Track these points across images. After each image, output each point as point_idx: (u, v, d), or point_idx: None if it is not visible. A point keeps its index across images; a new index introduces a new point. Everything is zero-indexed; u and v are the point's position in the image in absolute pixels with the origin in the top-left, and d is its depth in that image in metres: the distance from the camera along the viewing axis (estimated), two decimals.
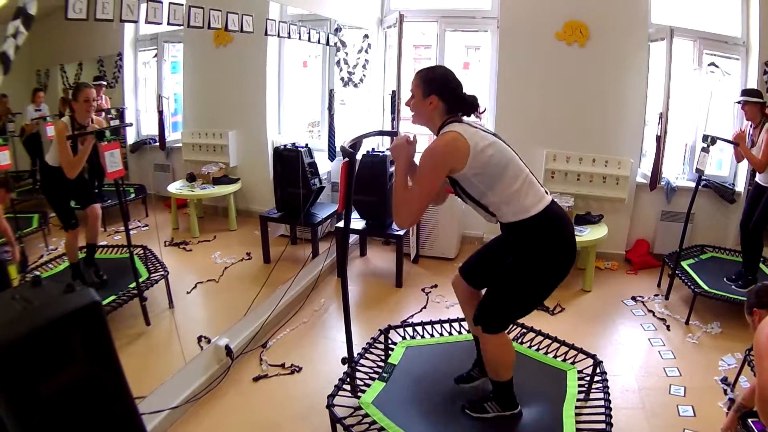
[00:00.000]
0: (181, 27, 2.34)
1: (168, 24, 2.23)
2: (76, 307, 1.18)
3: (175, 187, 3.19)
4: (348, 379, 2.34)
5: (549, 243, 1.92)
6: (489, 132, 1.94)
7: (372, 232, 4.06)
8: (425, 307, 3.53)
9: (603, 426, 2.06)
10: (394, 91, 4.20)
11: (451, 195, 2.08)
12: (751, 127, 3.37)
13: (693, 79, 4.12)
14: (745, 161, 3.55)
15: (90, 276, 2.50)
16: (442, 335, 2.79)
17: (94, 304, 1.21)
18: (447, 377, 2.40)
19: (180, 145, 3.19)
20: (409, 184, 1.93)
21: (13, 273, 2.06)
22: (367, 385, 2.35)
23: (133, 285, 2.47)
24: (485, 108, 2.00)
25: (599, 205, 4.23)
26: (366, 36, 4.42)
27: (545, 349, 2.64)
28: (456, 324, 2.85)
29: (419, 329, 2.81)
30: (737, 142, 3.36)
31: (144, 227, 2.87)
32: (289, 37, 3.24)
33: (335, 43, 4.12)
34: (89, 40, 2.38)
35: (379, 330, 2.72)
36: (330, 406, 2.15)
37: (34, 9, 1.63)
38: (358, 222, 3.97)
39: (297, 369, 2.76)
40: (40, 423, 1.12)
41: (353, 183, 2.15)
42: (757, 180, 3.42)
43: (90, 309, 1.20)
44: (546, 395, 2.29)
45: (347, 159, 2.09)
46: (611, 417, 2.10)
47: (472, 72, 5.63)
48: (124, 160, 2.46)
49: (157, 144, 3.04)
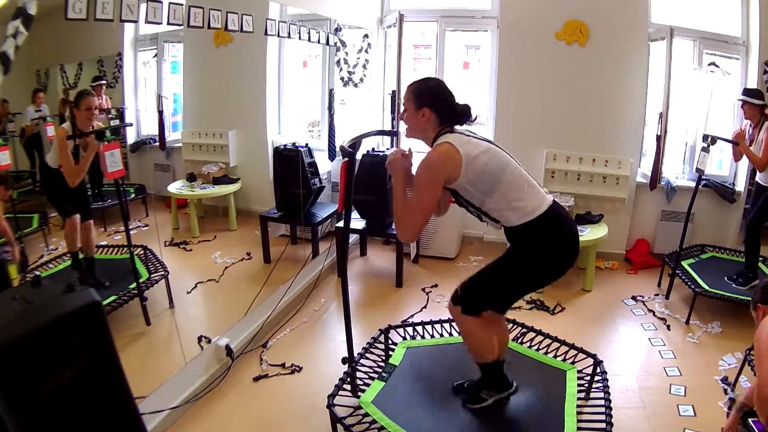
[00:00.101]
0: (181, 27, 2.34)
1: (168, 24, 2.23)
2: (76, 308, 1.18)
3: (176, 187, 3.19)
4: (348, 379, 2.34)
5: (552, 242, 1.93)
6: (483, 139, 1.96)
7: (372, 231, 4.06)
8: (425, 307, 3.53)
9: (603, 426, 2.05)
10: (394, 91, 4.21)
11: (453, 203, 2.09)
12: (751, 127, 3.37)
13: (693, 79, 4.12)
14: (744, 161, 3.55)
15: (91, 284, 2.50)
16: (442, 335, 2.79)
17: (94, 304, 1.22)
18: (447, 377, 2.40)
19: (180, 145, 3.19)
20: (409, 196, 1.95)
21: (14, 273, 2.06)
22: (368, 385, 2.35)
23: (134, 285, 2.47)
24: (477, 116, 2.01)
25: (599, 205, 4.23)
26: (366, 36, 4.42)
27: (545, 349, 2.64)
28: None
29: (419, 329, 2.81)
30: (737, 141, 3.36)
31: (144, 227, 2.87)
32: (289, 37, 3.24)
33: (335, 43, 4.12)
34: (89, 40, 2.38)
35: (380, 330, 2.73)
36: (330, 405, 2.15)
37: (33, 9, 1.63)
38: (358, 222, 3.97)
39: (297, 369, 2.77)
40: (40, 423, 1.13)
41: (353, 183, 2.15)
42: (758, 179, 3.42)
43: (90, 309, 1.20)
44: (546, 395, 2.29)
45: (347, 159, 2.09)
46: (611, 417, 2.10)
47: (472, 72, 5.62)
48: (124, 160, 2.46)
49: (157, 144, 3.04)
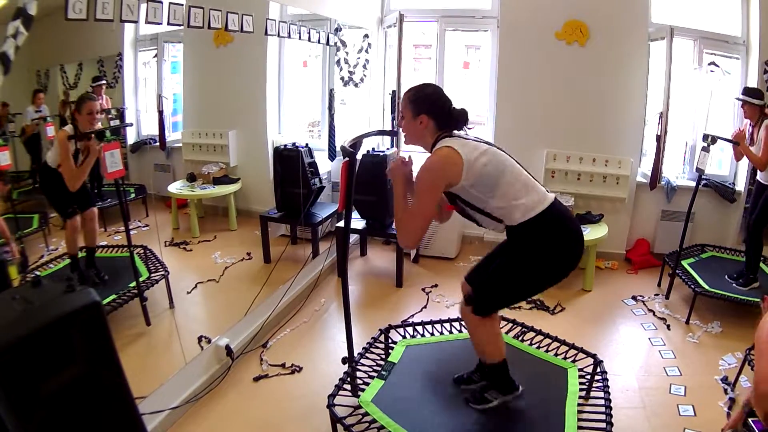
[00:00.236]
0: (181, 27, 2.34)
1: (168, 24, 2.23)
2: (76, 308, 1.18)
3: (176, 187, 3.19)
4: (348, 379, 2.34)
5: (555, 239, 1.93)
6: (481, 141, 1.96)
7: (372, 231, 4.06)
8: (425, 307, 3.53)
9: (603, 425, 2.05)
10: (394, 91, 4.20)
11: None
12: (750, 126, 3.37)
13: (693, 79, 4.11)
14: (745, 160, 3.55)
15: (91, 278, 2.50)
16: (442, 334, 2.79)
17: (94, 304, 1.21)
18: (447, 375, 2.40)
19: (180, 145, 3.19)
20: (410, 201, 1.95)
21: (14, 273, 2.06)
22: (368, 385, 2.34)
23: (134, 285, 2.47)
24: (473, 127, 2.02)
25: (599, 205, 4.23)
26: (366, 36, 4.42)
27: (545, 349, 2.64)
28: (456, 323, 2.85)
29: (420, 329, 2.81)
30: (737, 141, 3.36)
31: (144, 227, 2.87)
32: (289, 37, 3.24)
33: (335, 43, 4.12)
34: (89, 40, 2.38)
35: (380, 330, 2.72)
36: (330, 405, 2.15)
37: (33, 9, 1.63)
38: (358, 222, 3.97)
39: (297, 369, 2.77)
40: (40, 423, 1.13)
41: (353, 183, 2.15)
42: (758, 179, 3.42)
43: (90, 309, 1.20)
44: (547, 393, 2.29)
45: (347, 159, 2.10)
46: (612, 416, 2.09)
47: (472, 72, 5.62)
48: (124, 160, 2.46)
49: (158, 144, 3.04)
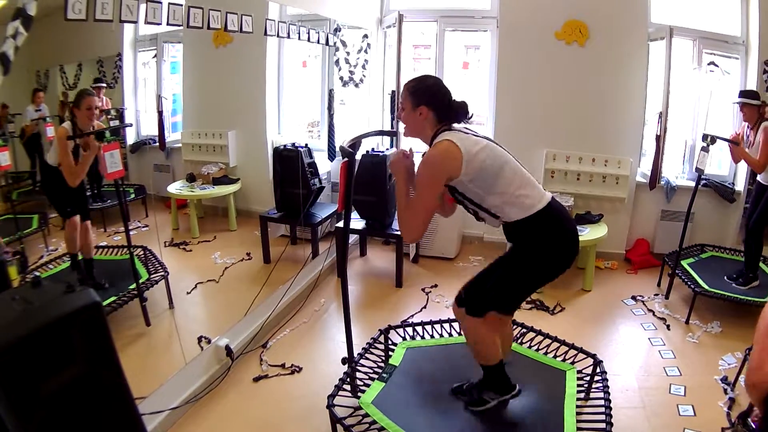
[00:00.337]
0: (181, 27, 2.34)
1: (167, 24, 2.23)
2: (76, 308, 1.18)
3: (175, 188, 3.19)
4: (348, 379, 2.34)
5: (551, 238, 1.93)
6: (481, 136, 1.95)
7: (372, 231, 4.06)
8: (425, 307, 3.53)
9: (603, 425, 2.05)
10: (393, 91, 4.20)
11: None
12: (749, 128, 3.37)
13: (692, 79, 4.12)
14: (743, 162, 3.55)
15: (91, 287, 2.50)
16: (442, 335, 2.79)
17: (94, 304, 1.21)
18: (447, 377, 2.40)
19: (180, 146, 3.19)
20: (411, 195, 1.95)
21: (13, 274, 2.06)
22: (367, 385, 2.34)
23: (133, 285, 2.47)
24: (472, 114, 2.01)
25: (599, 205, 4.23)
26: (365, 36, 4.42)
27: (545, 349, 2.64)
28: (456, 324, 2.85)
29: (419, 329, 2.81)
30: (737, 141, 3.36)
31: (144, 228, 2.87)
32: (289, 37, 3.24)
33: (335, 43, 4.12)
34: (89, 40, 2.38)
35: (379, 330, 2.72)
36: (330, 406, 2.15)
37: (33, 10, 1.63)
38: (357, 222, 3.97)
39: (297, 369, 2.76)
40: (40, 423, 1.13)
41: (353, 183, 2.15)
42: (759, 179, 3.42)
43: (90, 309, 1.20)
44: (546, 395, 2.29)
45: (347, 159, 2.10)
46: (611, 416, 2.10)
47: (471, 72, 5.62)
48: (123, 160, 2.46)
49: (157, 144, 3.04)
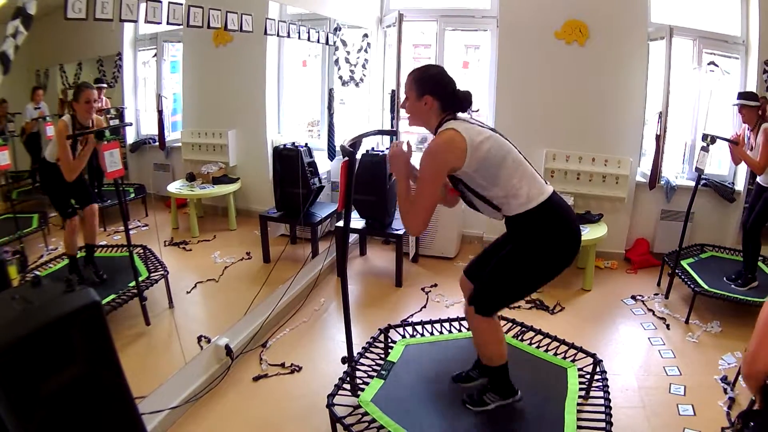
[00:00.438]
0: (181, 26, 2.34)
1: (167, 23, 2.23)
2: (76, 307, 1.18)
3: (175, 187, 3.19)
4: (348, 379, 2.34)
5: (553, 231, 1.93)
6: (486, 126, 1.94)
7: (372, 231, 4.06)
8: (425, 307, 3.53)
9: (603, 425, 2.05)
10: (393, 91, 4.20)
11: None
12: (748, 130, 3.37)
13: (692, 78, 4.12)
14: (743, 163, 3.55)
15: (90, 275, 2.50)
16: (442, 334, 2.79)
17: (94, 304, 1.21)
18: (446, 375, 2.40)
19: (179, 145, 3.19)
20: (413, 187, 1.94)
21: (13, 273, 2.06)
22: (367, 384, 2.34)
23: (133, 285, 2.47)
24: (478, 109, 2.00)
25: (599, 204, 4.23)
26: (365, 35, 4.42)
27: (545, 348, 2.64)
28: (456, 323, 2.85)
29: (419, 328, 2.81)
30: (737, 141, 3.36)
31: (144, 227, 2.87)
32: (289, 37, 3.24)
33: (334, 43, 4.12)
34: (89, 39, 2.38)
35: (379, 329, 2.72)
36: (330, 405, 2.15)
37: (33, 9, 1.62)
38: (357, 221, 3.97)
39: (297, 368, 2.77)
40: (40, 423, 1.13)
41: (353, 182, 2.15)
42: (758, 180, 3.42)
43: (90, 309, 1.20)
44: (546, 392, 2.29)
45: (347, 158, 2.09)
46: (611, 416, 2.10)
47: (471, 71, 5.61)
48: (123, 159, 2.46)
49: (157, 144, 3.04)
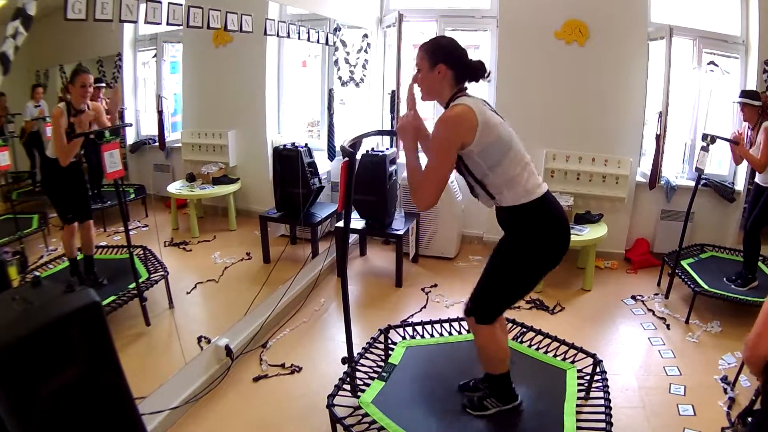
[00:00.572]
0: (181, 27, 2.34)
1: (167, 24, 2.23)
2: (76, 308, 1.18)
3: (175, 187, 3.19)
4: (348, 379, 2.34)
5: (545, 228, 1.92)
6: (497, 113, 1.93)
7: (372, 231, 4.06)
8: (425, 307, 3.53)
9: (603, 425, 2.05)
10: (393, 91, 4.20)
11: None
12: (749, 129, 3.37)
13: (692, 78, 4.12)
14: (744, 163, 3.55)
15: (90, 283, 2.50)
16: (442, 335, 2.79)
17: (94, 304, 1.21)
18: (447, 377, 2.40)
19: (179, 145, 3.19)
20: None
21: (13, 274, 2.06)
22: (367, 385, 2.35)
23: (133, 285, 2.47)
24: (490, 72, 1.96)
25: (599, 204, 4.23)
26: (365, 35, 4.42)
27: (545, 349, 2.64)
28: (456, 324, 2.85)
29: (419, 329, 2.81)
30: (737, 141, 3.36)
31: (144, 227, 2.87)
32: (289, 37, 3.24)
33: (334, 43, 4.12)
34: (88, 40, 2.38)
35: (379, 330, 2.72)
36: (330, 405, 2.15)
37: (33, 9, 1.63)
38: (357, 221, 3.97)
39: (297, 369, 2.77)
40: (40, 423, 1.13)
41: (353, 182, 2.15)
42: (757, 180, 3.42)
43: (90, 309, 1.20)
44: (546, 394, 2.29)
45: (347, 158, 2.09)
46: (611, 416, 2.10)
47: None
48: (123, 160, 2.46)
49: (157, 144, 3.04)
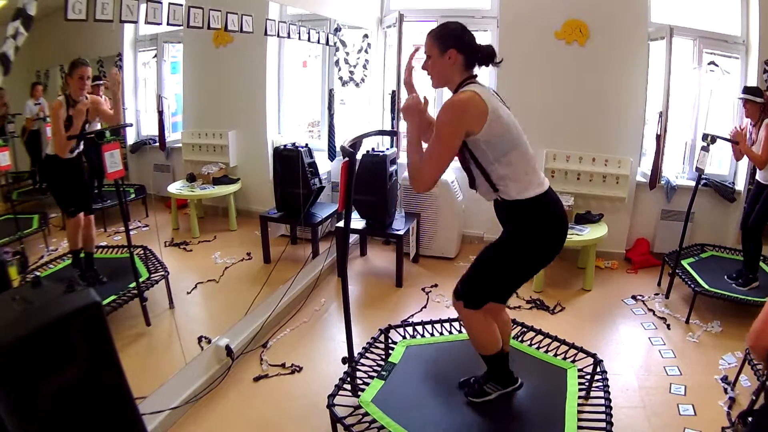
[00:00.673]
0: (181, 27, 2.34)
1: (167, 24, 2.23)
2: (76, 308, 1.18)
3: (175, 188, 3.19)
4: (348, 379, 2.34)
5: (543, 225, 1.93)
6: (505, 104, 1.92)
7: (372, 231, 4.06)
8: (425, 307, 3.53)
9: (603, 425, 2.05)
10: (394, 91, 4.21)
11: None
12: (751, 125, 3.37)
13: (693, 78, 4.12)
14: (745, 160, 3.54)
15: (90, 281, 2.50)
16: (442, 334, 2.80)
17: (94, 304, 1.21)
18: (447, 375, 2.40)
19: (180, 146, 3.19)
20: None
21: (14, 274, 2.06)
22: (368, 385, 2.35)
23: (134, 285, 2.47)
24: (502, 59, 1.95)
25: (599, 204, 4.23)
26: (366, 36, 4.42)
27: (545, 348, 2.64)
28: (456, 323, 2.85)
29: (419, 329, 2.81)
30: (737, 140, 3.36)
31: (144, 227, 2.87)
32: (289, 37, 3.24)
33: (335, 43, 4.12)
34: (89, 40, 2.38)
35: (380, 330, 2.73)
36: (330, 405, 2.15)
37: (33, 10, 1.63)
38: (358, 222, 3.97)
39: (297, 369, 2.77)
40: (40, 423, 1.13)
41: (353, 183, 2.15)
42: (758, 178, 3.42)
43: (90, 309, 1.20)
44: (547, 393, 2.29)
45: (347, 159, 2.10)
46: (612, 416, 2.10)
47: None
48: (124, 160, 2.46)
49: (157, 144, 3.04)
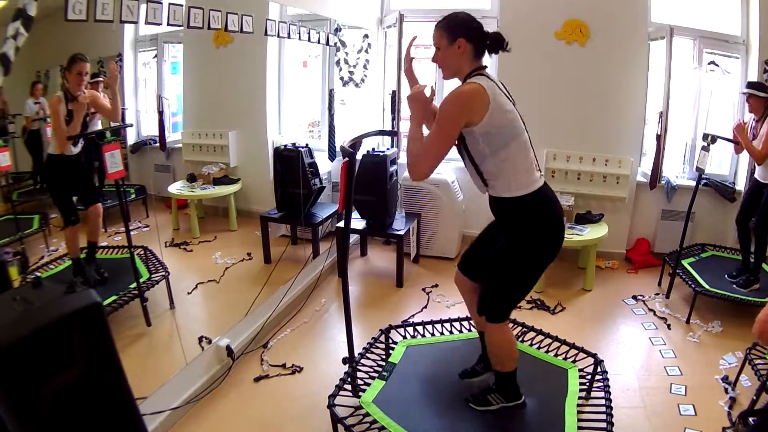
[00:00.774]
0: (181, 28, 2.34)
1: (168, 25, 2.23)
2: (76, 308, 1.18)
3: (176, 188, 3.19)
4: (349, 379, 2.34)
5: (539, 222, 1.92)
6: (511, 99, 1.92)
7: (372, 231, 4.06)
8: (426, 307, 3.53)
9: (604, 425, 2.05)
10: (394, 91, 4.20)
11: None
12: (754, 120, 3.36)
13: (693, 78, 4.11)
14: (745, 156, 3.54)
15: (91, 273, 2.51)
16: (442, 334, 2.80)
17: (95, 305, 1.22)
18: (448, 375, 2.40)
19: (180, 146, 3.19)
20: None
21: (14, 274, 2.07)
22: (368, 385, 2.35)
23: (134, 285, 2.48)
24: (510, 47, 1.94)
25: (599, 204, 4.23)
26: (366, 36, 4.42)
27: (546, 348, 2.64)
28: (457, 323, 2.85)
29: (420, 329, 2.81)
30: (737, 141, 3.36)
31: (144, 228, 2.87)
32: (289, 37, 3.24)
33: (335, 43, 4.12)
34: (89, 41, 2.38)
35: (380, 330, 2.73)
36: (331, 405, 2.15)
37: (34, 10, 1.63)
38: (358, 222, 3.97)
39: (298, 369, 2.77)
40: (41, 424, 1.13)
41: (353, 183, 2.15)
42: (756, 176, 3.41)
43: (91, 310, 1.20)
44: (547, 393, 2.29)
45: (347, 159, 2.10)
46: (612, 416, 2.10)
47: None
48: (124, 160, 2.46)
49: (158, 144, 3.04)
